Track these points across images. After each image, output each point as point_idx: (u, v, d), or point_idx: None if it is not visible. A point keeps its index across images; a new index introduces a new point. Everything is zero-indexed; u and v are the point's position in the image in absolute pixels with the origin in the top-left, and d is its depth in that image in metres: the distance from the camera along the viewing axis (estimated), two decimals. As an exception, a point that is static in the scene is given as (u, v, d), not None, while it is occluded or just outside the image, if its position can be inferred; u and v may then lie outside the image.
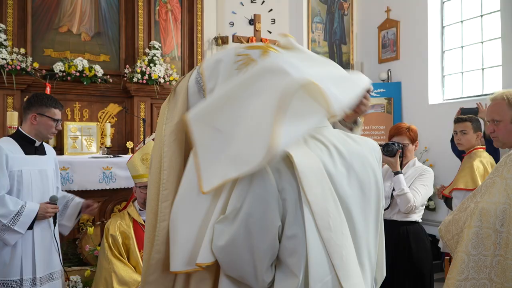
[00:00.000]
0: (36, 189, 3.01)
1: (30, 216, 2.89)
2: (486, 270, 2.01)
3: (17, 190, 2.94)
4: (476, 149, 3.92)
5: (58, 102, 3.14)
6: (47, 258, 3.04)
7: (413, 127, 3.40)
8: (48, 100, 3.09)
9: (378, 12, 7.21)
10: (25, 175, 2.97)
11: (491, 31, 5.91)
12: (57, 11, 5.94)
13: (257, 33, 5.47)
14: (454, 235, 2.23)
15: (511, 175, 2.06)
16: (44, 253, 3.02)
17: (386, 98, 6.86)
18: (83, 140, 5.69)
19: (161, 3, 6.55)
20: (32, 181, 3.00)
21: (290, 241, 1.27)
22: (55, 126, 3.08)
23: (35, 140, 3.08)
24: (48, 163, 3.17)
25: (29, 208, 2.90)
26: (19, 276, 2.92)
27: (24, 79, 5.50)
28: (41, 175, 3.06)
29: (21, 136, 3.06)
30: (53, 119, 3.05)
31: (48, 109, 3.03)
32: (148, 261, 1.48)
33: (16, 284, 2.91)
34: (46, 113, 3.03)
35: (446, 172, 5.32)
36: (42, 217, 2.96)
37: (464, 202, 2.30)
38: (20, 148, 3.00)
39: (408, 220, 3.22)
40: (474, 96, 5.98)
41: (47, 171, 3.13)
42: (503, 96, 2.29)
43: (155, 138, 1.56)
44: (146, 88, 6.12)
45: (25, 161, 2.99)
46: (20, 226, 2.86)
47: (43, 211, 2.95)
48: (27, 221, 2.88)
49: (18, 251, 2.93)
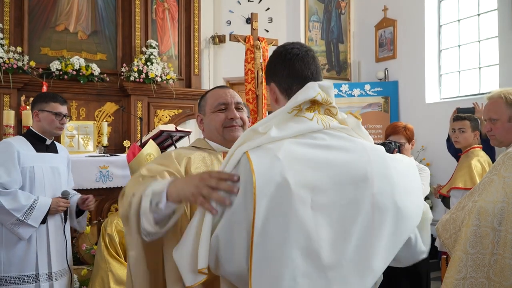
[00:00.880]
0: (48, 186, 3.06)
1: (42, 210, 2.95)
2: (485, 269, 2.02)
3: (30, 186, 3.00)
4: (473, 148, 3.92)
5: (57, 96, 3.17)
6: (60, 253, 3.09)
7: (410, 126, 3.41)
8: (46, 96, 3.16)
9: (375, 11, 7.21)
10: (37, 171, 3.03)
11: (488, 30, 5.92)
12: (54, 9, 5.93)
13: (254, 31, 5.45)
14: (452, 234, 2.23)
15: (508, 174, 2.06)
16: (58, 247, 3.08)
17: (383, 97, 6.87)
18: (80, 138, 5.68)
19: (158, 1, 6.54)
20: (45, 177, 3.05)
21: None
22: (59, 121, 3.11)
23: (45, 138, 3.14)
24: (60, 161, 3.22)
25: (41, 202, 2.96)
26: (34, 271, 2.96)
27: (20, 77, 5.48)
28: (53, 172, 3.12)
29: (31, 135, 3.14)
30: (53, 112, 3.07)
31: (47, 104, 3.08)
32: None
33: (32, 279, 2.96)
34: (45, 108, 3.08)
35: (443, 171, 5.33)
36: (54, 211, 3.01)
37: (462, 201, 2.30)
38: (31, 146, 3.07)
39: None
40: (471, 95, 5.99)
41: (59, 169, 3.17)
42: (501, 95, 2.30)
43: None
44: (143, 86, 6.12)
45: (36, 158, 3.05)
46: (33, 220, 2.91)
47: (55, 205, 3.00)
48: (40, 215, 2.93)
49: (33, 245, 2.98)
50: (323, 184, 1.24)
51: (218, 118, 1.81)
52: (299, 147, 1.27)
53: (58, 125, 3.12)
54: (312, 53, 1.43)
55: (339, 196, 1.25)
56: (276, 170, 1.21)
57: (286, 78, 1.42)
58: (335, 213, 1.24)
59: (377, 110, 6.86)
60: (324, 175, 1.25)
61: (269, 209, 1.18)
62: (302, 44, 1.46)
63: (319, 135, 1.32)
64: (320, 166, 1.25)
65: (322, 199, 1.23)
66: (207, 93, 1.92)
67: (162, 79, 6.17)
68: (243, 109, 1.87)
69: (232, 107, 1.83)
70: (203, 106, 1.89)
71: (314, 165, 1.25)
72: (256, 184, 1.19)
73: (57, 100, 3.11)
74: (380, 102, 6.87)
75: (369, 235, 1.26)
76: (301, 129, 1.31)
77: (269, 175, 1.20)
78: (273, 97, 1.47)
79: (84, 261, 4.25)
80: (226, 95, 1.85)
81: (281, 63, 1.43)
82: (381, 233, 1.27)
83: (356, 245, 1.24)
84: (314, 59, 1.43)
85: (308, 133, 1.32)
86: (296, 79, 1.40)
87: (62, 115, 3.11)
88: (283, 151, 1.24)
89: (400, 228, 1.32)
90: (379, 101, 6.87)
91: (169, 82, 6.28)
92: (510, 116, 2.27)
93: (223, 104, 1.82)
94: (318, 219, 1.21)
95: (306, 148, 1.28)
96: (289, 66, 1.41)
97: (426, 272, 3.31)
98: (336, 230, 1.23)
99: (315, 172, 1.24)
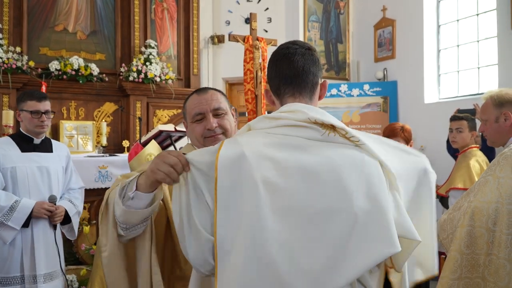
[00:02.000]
0: (34, 186, 2.99)
1: (24, 212, 2.87)
2: (479, 269, 2.02)
3: (13, 187, 2.94)
4: (471, 148, 3.93)
5: (35, 93, 3.07)
6: (49, 256, 3.01)
7: (407, 127, 3.42)
8: (24, 95, 3.07)
9: (374, 10, 7.22)
10: (21, 171, 2.96)
11: (487, 30, 5.92)
12: (53, 9, 5.93)
13: (253, 31, 5.46)
14: (449, 234, 2.24)
15: (503, 174, 2.07)
16: (45, 251, 3.00)
17: (382, 97, 6.87)
18: (79, 138, 5.69)
19: (157, 1, 6.54)
20: (29, 177, 2.98)
21: None
22: (38, 119, 3.00)
23: (32, 137, 3.07)
24: (52, 160, 3.13)
25: (23, 204, 2.88)
26: (19, 273, 2.92)
27: (19, 77, 5.49)
28: (41, 172, 3.04)
29: (19, 135, 3.10)
30: (29, 111, 2.98)
31: (24, 103, 3.00)
32: None
33: (17, 281, 2.91)
34: (24, 108, 3.01)
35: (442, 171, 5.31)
36: (37, 215, 2.92)
37: (459, 201, 2.31)
38: (17, 146, 3.01)
39: None
40: (470, 95, 5.99)
41: (49, 168, 3.08)
42: (489, 96, 2.33)
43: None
44: (142, 86, 6.12)
45: (20, 158, 2.99)
46: (14, 222, 2.84)
47: (39, 207, 2.92)
48: (21, 217, 2.85)
49: (17, 247, 2.92)
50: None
51: (197, 129, 1.73)
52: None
53: (38, 123, 3.01)
54: (303, 50, 1.38)
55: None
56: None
57: (274, 78, 1.41)
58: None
59: (376, 110, 6.87)
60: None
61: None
62: (296, 42, 1.42)
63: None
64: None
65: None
66: (187, 99, 1.81)
67: (161, 79, 6.18)
68: (223, 114, 1.75)
69: (209, 116, 1.71)
70: (185, 114, 1.81)
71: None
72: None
73: (33, 98, 2.99)
74: (379, 102, 6.87)
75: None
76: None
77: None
78: (269, 99, 1.47)
79: (83, 261, 4.25)
80: (201, 103, 1.72)
81: (271, 64, 1.42)
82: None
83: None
84: (303, 55, 1.37)
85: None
86: (283, 79, 1.38)
87: (40, 113, 3.00)
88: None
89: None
90: (378, 101, 6.87)
91: (168, 82, 6.29)
92: (497, 117, 2.28)
93: (199, 114, 1.72)
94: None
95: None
96: (276, 66, 1.40)
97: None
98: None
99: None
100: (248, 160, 1.22)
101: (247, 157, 1.22)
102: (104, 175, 4.55)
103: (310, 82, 1.39)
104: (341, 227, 1.20)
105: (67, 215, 3.11)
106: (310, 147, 1.27)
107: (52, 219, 3.00)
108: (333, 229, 1.20)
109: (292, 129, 1.30)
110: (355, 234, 1.19)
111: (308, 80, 1.38)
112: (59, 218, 3.03)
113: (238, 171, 1.22)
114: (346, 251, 1.18)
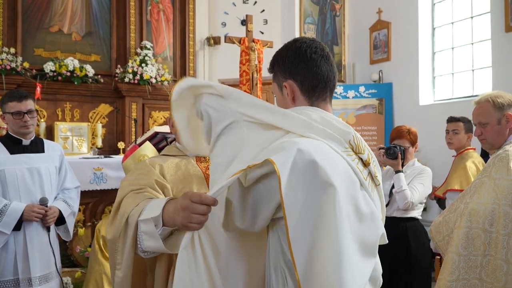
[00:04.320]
0: (24, 188, 2.95)
1: (14, 216, 2.83)
2: (477, 270, 2.03)
3: (3, 190, 2.90)
4: (467, 150, 3.95)
5: (15, 93, 3.01)
6: (44, 258, 2.98)
7: (413, 129, 3.52)
8: (4, 97, 3.02)
9: (370, 13, 7.24)
10: (9, 174, 2.92)
11: (481, 33, 5.96)
12: (48, 10, 5.90)
13: (249, 33, 5.45)
14: (445, 236, 2.25)
15: (499, 176, 2.08)
16: (39, 253, 2.96)
17: (378, 99, 6.89)
18: (74, 140, 5.66)
19: (153, 3, 6.53)
20: (19, 180, 2.94)
21: None
22: (21, 119, 2.94)
23: (20, 139, 3.03)
24: (44, 161, 3.08)
25: (13, 208, 2.84)
26: (13, 276, 2.89)
27: (14, 79, 5.45)
28: (31, 173, 2.99)
29: (7, 137, 3.05)
30: (10, 113, 2.94)
31: (6, 105, 2.97)
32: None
33: (11, 284, 2.88)
34: (6, 110, 2.97)
35: (438, 172, 5.33)
36: (28, 218, 2.88)
37: (454, 203, 2.32)
38: (5, 148, 2.97)
39: (408, 216, 3.37)
40: (464, 97, 6.02)
41: (41, 169, 3.04)
42: (488, 99, 2.34)
43: None
44: (138, 88, 6.10)
45: (9, 161, 2.94)
46: (4, 226, 2.81)
47: (29, 210, 2.88)
48: (11, 221, 2.82)
49: (10, 251, 2.89)
50: None
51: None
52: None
53: (22, 124, 2.96)
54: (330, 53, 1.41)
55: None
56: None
57: (312, 79, 1.37)
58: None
59: (372, 112, 6.88)
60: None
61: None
62: (321, 43, 1.42)
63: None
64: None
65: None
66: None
67: (157, 80, 6.16)
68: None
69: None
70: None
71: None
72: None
73: (14, 99, 2.94)
74: (374, 104, 6.89)
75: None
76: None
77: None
78: (290, 95, 1.40)
79: (78, 263, 4.23)
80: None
81: (305, 61, 1.37)
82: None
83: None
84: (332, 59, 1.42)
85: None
86: (322, 82, 1.37)
87: (22, 113, 2.94)
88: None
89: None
90: (374, 103, 6.89)
91: (164, 83, 6.27)
92: (499, 119, 2.30)
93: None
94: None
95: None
96: (315, 66, 1.37)
97: (427, 268, 3.39)
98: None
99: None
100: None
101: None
102: (99, 177, 4.53)
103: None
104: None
105: (61, 216, 3.08)
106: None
107: (45, 221, 2.97)
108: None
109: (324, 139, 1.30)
110: None
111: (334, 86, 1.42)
112: (52, 219, 3.00)
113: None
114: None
